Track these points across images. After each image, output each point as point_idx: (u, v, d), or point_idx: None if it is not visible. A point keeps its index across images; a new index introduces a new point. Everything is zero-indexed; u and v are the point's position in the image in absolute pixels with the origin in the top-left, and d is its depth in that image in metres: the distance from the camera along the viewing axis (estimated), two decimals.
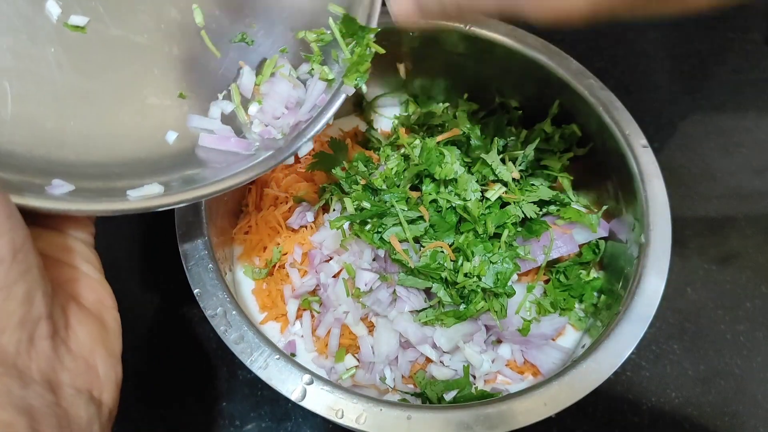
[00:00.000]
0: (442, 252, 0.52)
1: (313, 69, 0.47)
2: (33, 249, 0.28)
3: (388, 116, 0.71)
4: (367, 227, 0.53)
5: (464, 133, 0.60)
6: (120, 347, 0.35)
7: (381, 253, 0.54)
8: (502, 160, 0.58)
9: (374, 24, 0.46)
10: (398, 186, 0.55)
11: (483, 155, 0.56)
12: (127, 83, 0.41)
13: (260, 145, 0.45)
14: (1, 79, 0.36)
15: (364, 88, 0.46)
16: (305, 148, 0.45)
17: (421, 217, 0.53)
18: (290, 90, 0.46)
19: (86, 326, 0.32)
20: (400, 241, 0.52)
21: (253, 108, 0.46)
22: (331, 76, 0.46)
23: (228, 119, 0.45)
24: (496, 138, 0.60)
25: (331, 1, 0.47)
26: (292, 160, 0.45)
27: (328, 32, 0.47)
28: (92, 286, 0.34)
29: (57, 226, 0.35)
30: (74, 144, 0.37)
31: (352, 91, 0.45)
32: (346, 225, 0.53)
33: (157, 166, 0.40)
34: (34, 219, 0.32)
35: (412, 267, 0.51)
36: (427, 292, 0.54)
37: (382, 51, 0.46)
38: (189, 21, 0.45)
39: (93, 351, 0.32)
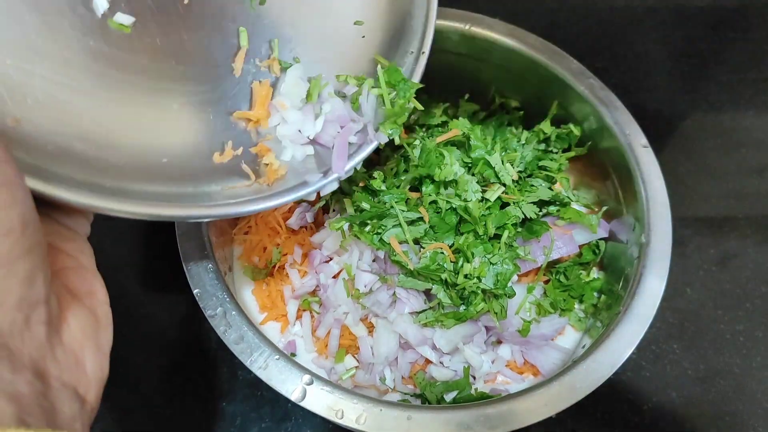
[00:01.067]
0: (442, 253, 0.52)
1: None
2: (40, 227, 0.27)
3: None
4: (367, 228, 0.53)
5: (464, 133, 0.60)
6: (110, 344, 0.33)
7: (381, 254, 0.54)
8: (501, 161, 0.58)
9: (417, 79, 0.48)
10: (398, 187, 0.55)
11: (487, 157, 0.56)
12: (158, 89, 0.41)
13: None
14: (34, 58, 0.35)
15: (396, 139, 0.47)
16: (330, 188, 0.45)
17: (421, 218, 0.53)
18: (346, 111, 0.47)
19: (79, 319, 0.31)
20: (400, 243, 0.52)
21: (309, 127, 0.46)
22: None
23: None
24: (498, 139, 0.60)
25: (377, 53, 0.49)
26: (313, 196, 0.46)
27: (369, 79, 0.48)
28: (86, 277, 0.33)
29: (55, 214, 0.34)
30: (94, 139, 0.37)
31: (385, 140, 0.46)
32: (345, 226, 0.53)
33: (175, 174, 0.40)
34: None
35: (412, 269, 0.51)
36: (427, 293, 0.54)
37: (420, 107, 0.48)
38: (233, 41, 0.45)
39: (83, 346, 0.30)
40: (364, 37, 0.49)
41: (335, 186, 0.46)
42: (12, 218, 0.25)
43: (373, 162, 0.61)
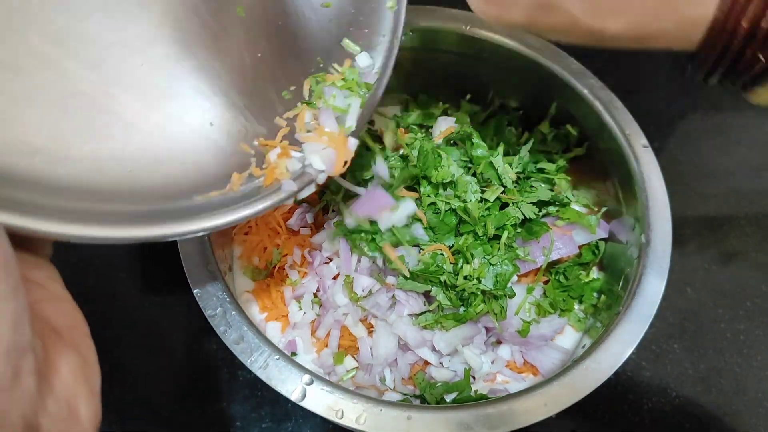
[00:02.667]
0: (442, 255, 0.52)
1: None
2: (17, 264, 0.24)
3: (388, 116, 0.71)
4: (361, 234, 0.53)
5: (461, 131, 0.60)
6: (99, 383, 0.29)
7: (379, 257, 0.54)
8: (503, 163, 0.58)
9: (388, 72, 0.45)
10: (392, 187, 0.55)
11: (491, 159, 0.56)
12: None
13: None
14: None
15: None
16: (306, 192, 0.42)
17: (419, 220, 0.53)
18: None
19: (66, 359, 0.27)
20: (397, 246, 0.52)
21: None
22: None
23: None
24: (501, 140, 0.60)
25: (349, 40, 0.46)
26: (291, 201, 0.42)
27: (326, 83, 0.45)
28: (63, 308, 0.29)
29: (15, 239, 0.29)
30: (49, 152, 0.34)
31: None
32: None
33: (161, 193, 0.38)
34: None
35: (407, 276, 0.51)
36: (427, 295, 0.54)
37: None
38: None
39: (76, 392, 0.27)
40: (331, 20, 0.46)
41: (312, 190, 0.43)
42: None
43: None
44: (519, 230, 0.56)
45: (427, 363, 0.54)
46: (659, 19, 0.29)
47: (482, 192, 0.55)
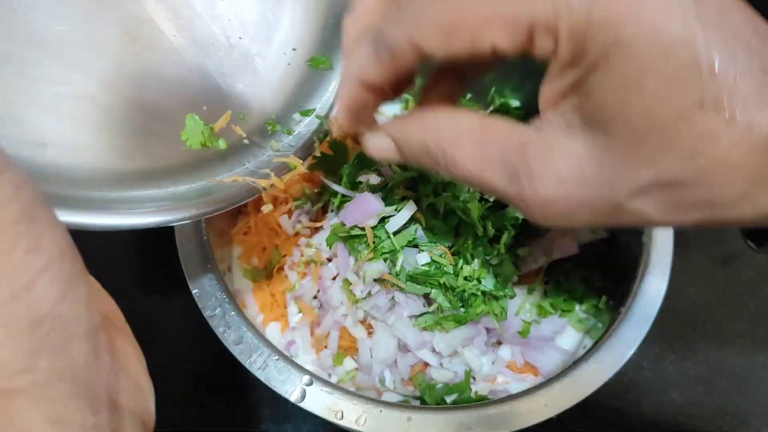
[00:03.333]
0: (442, 256, 0.52)
1: None
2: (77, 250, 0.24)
3: (388, 116, 0.71)
4: (357, 238, 0.52)
5: None
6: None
7: None
8: None
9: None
10: (388, 188, 0.55)
11: None
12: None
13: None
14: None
15: None
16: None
17: (417, 221, 0.53)
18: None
19: (123, 340, 0.28)
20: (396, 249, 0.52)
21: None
22: None
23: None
24: None
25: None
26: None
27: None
28: (101, 296, 0.30)
29: None
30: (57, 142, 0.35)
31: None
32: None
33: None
34: None
35: (403, 287, 0.51)
36: (426, 296, 0.54)
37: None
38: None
39: (138, 368, 0.27)
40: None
41: None
42: (64, 238, 0.22)
43: None
44: (519, 230, 0.56)
45: (427, 364, 0.54)
46: (737, 210, 0.26)
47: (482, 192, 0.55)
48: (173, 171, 0.40)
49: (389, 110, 0.53)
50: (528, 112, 0.65)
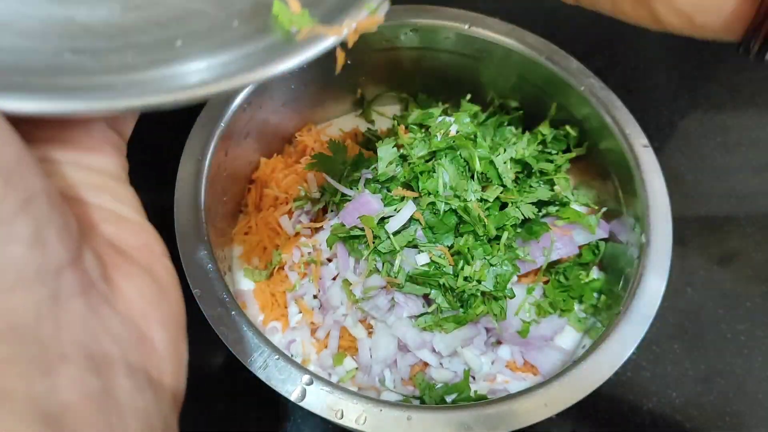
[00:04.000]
0: (441, 256, 0.52)
1: None
2: (35, 169, 0.20)
3: (388, 116, 0.71)
4: (357, 238, 0.53)
5: (466, 135, 0.60)
6: (183, 311, 0.26)
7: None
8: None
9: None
10: (386, 187, 0.55)
11: (493, 158, 0.56)
12: None
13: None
14: None
15: None
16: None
17: (417, 220, 0.53)
18: None
19: (134, 280, 0.23)
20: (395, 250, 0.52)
21: None
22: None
23: None
24: (501, 140, 0.60)
25: None
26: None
27: None
28: (133, 229, 0.25)
29: (75, 159, 0.24)
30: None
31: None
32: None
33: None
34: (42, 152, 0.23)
35: (402, 286, 0.51)
36: (426, 296, 0.54)
37: None
38: None
39: (146, 315, 0.23)
40: None
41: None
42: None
43: None
44: (519, 230, 0.56)
45: (426, 364, 0.54)
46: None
47: (482, 191, 0.55)
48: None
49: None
50: (528, 113, 0.65)
